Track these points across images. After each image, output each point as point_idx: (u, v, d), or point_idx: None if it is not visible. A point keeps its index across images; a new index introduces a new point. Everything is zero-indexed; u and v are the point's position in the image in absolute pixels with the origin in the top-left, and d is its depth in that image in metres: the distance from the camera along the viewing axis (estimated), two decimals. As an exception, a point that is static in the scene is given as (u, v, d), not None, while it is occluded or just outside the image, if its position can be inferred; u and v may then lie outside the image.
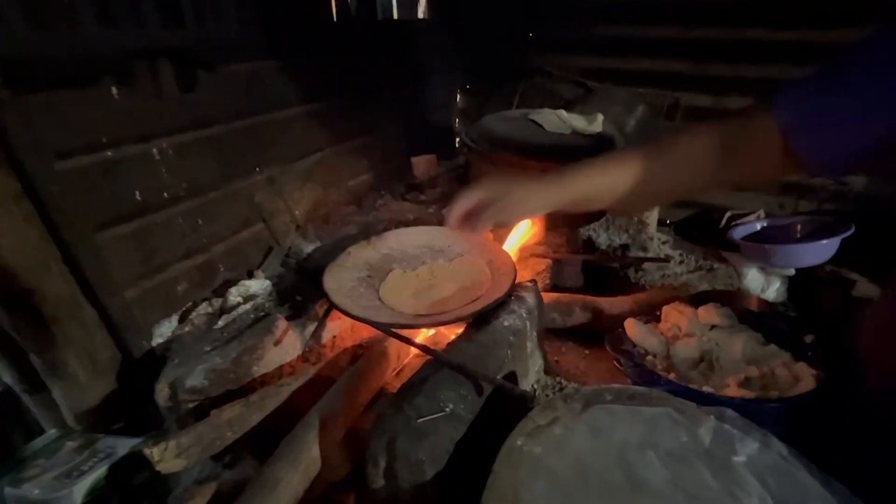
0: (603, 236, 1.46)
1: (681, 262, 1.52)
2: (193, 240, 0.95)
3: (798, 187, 1.56)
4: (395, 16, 1.51)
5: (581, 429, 0.55)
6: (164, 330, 0.91)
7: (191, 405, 0.73)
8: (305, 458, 0.61)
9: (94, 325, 0.84)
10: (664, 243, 1.61)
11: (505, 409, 0.62)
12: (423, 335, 0.99)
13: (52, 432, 0.88)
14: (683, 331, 0.92)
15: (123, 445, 0.83)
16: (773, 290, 1.39)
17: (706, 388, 0.75)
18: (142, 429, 0.86)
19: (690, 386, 0.76)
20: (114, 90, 0.78)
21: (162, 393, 0.75)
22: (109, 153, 0.79)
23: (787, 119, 0.52)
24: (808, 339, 0.84)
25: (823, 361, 0.78)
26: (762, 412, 0.69)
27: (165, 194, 0.89)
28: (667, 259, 1.25)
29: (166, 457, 0.62)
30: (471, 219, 0.71)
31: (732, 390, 0.74)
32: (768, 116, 0.53)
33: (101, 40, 0.80)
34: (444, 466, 0.56)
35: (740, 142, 0.57)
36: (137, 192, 0.84)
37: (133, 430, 0.88)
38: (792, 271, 1.36)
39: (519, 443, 0.53)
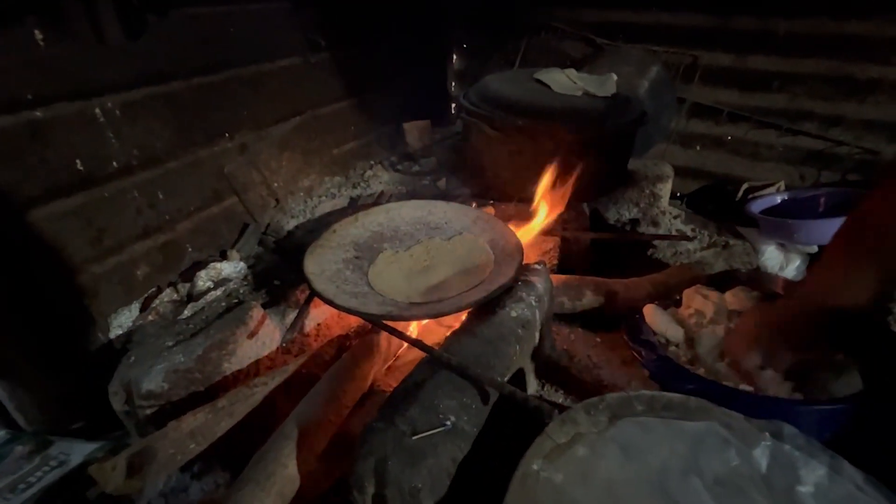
0: (612, 210, 1.35)
1: (694, 238, 1.42)
2: (152, 216, 0.83)
3: (821, 156, 1.45)
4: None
5: (610, 449, 0.45)
6: (124, 319, 0.80)
7: (149, 411, 0.63)
8: (279, 479, 0.52)
9: (38, 315, 0.72)
10: (676, 217, 1.49)
11: (514, 418, 0.53)
12: (416, 326, 0.89)
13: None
14: (708, 317, 0.83)
15: (79, 451, 0.74)
16: (792, 268, 1.29)
17: (743, 386, 0.65)
18: (105, 428, 0.77)
19: (724, 383, 0.66)
20: (37, 34, 0.64)
21: (116, 397, 0.64)
22: (38, 113, 0.65)
23: None
24: (847, 326, 0.75)
25: (866, 352, 0.69)
26: (805, 415, 0.60)
27: (114, 163, 0.76)
28: (686, 237, 1.14)
29: (115, 478, 0.52)
30: None
31: (773, 388, 0.65)
32: None
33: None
34: (444, 494, 0.46)
35: None
36: (78, 161, 0.71)
37: (95, 430, 0.78)
38: (815, 248, 1.27)
39: (535, 467, 0.44)
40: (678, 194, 1.61)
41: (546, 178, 0.93)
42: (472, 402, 0.53)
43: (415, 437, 0.48)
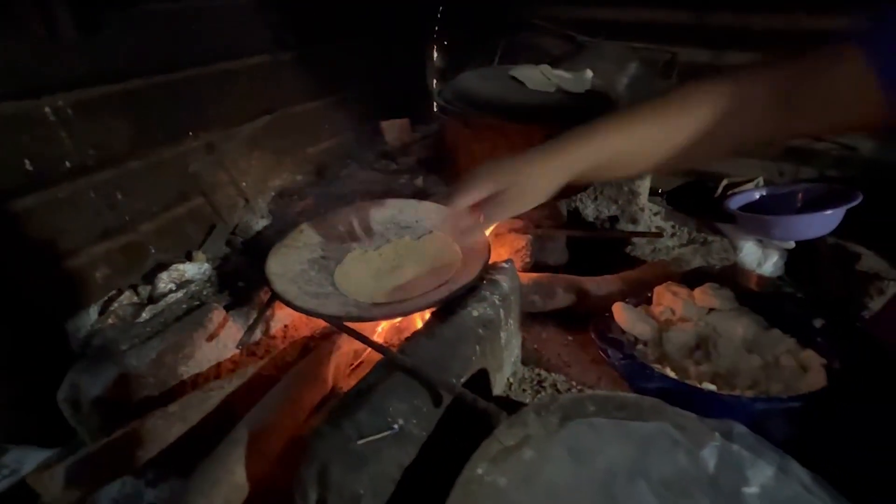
0: (591, 207, 1.34)
1: (673, 235, 1.41)
2: (112, 218, 0.81)
3: (800, 152, 1.45)
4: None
5: (557, 452, 0.44)
6: (82, 324, 0.78)
7: (99, 418, 0.61)
8: (225, 487, 0.50)
9: (-10, 320, 0.70)
10: (656, 214, 1.49)
11: (468, 422, 0.52)
12: (387, 326, 0.88)
13: (-47, 442, 0.76)
14: (678, 315, 0.82)
15: (33, 459, 0.72)
16: (770, 264, 1.29)
17: (707, 386, 0.65)
18: (63, 435, 0.75)
19: (689, 383, 0.66)
20: (-22, 30, 0.62)
21: (66, 404, 0.62)
22: (-20, 112, 0.63)
23: (882, 55, 0.41)
24: (818, 323, 0.75)
25: (835, 349, 0.69)
26: (769, 413, 0.60)
27: (67, 163, 0.73)
28: (659, 234, 1.14)
29: (52, 487, 0.50)
30: (476, 214, 0.62)
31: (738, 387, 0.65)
32: (855, 56, 0.42)
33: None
34: (388, 499, 0.45)
35: (812, 86, 0.46)
36: (27, 161, 0.69)
37: (52, 437, 0.76)
38: (792, 244, 1.27)
39: (479, 471, 0.43)
40: (659, 191, 1.60)
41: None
42: (424, 404, 0.52)
43: (360, 442, 0.47)
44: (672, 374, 0.69)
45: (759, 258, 1.29)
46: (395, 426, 0.48)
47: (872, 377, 0.59)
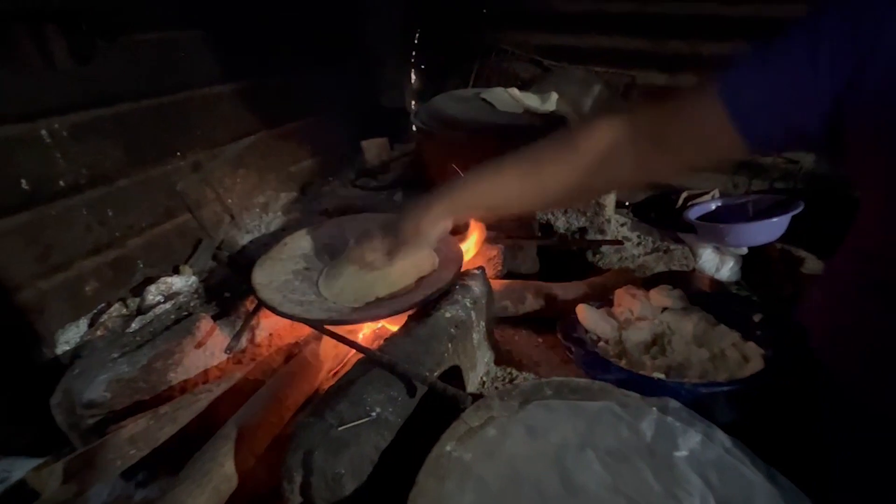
0: (561, 219, 1.42)
1: (638, 244, 1.50)
2: (102, 233, 0.85)
3: (751, 167, 1.57)
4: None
5: (517, 429, 0.50)
6: (72, 335, 0.81)
7: (91, 421, 0.64)
8: (216, 476, 0.54)
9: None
10: (622, 225, 1.58)
11: (440, 409, 0.57)
12: (369, 330, 0.92)
13: (-60, 456, 0.77)
14: (636, 314, 0.89)
15: (22, 467, 0.73)
16: (727, 269, 1.39)
17: (656, 375, 0.72)
18: (51, 445, 0.77)
19: (640, 372, 0.72)
20: (-16, 61, 0.67)
21: (59, 409, 0.66)
22: (-20, 135, 0.68)
23: (732, 100, 0.47)
24: (757, 317, 0.83)
25: (771, 340, 0.77)
26: (712, 396, 0.67)
27: (62, 182, 0.78)
28: (620, 241, 1.22)
29: (50, 483, 0.53)
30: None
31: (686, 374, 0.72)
32: (709, 99, 0.48)
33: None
34: (367, 479, 0.50)
35: (676, 130, 0.52)
36: (24, 181, 0.73)
37: (40, 447, 0.78)
38: (745, 250, 1.37)
39: (448, 448, 0.48)
40: (626, 203, 1.70)
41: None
42: (399, 395, 0.57)
43: (340, 429, 0.52)
44: (629, 368, 0.75)
45: (717, 264, 1.39)
46: (373, 414, 0.53)
47: (797, 360, 0.67)
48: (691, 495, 0.42)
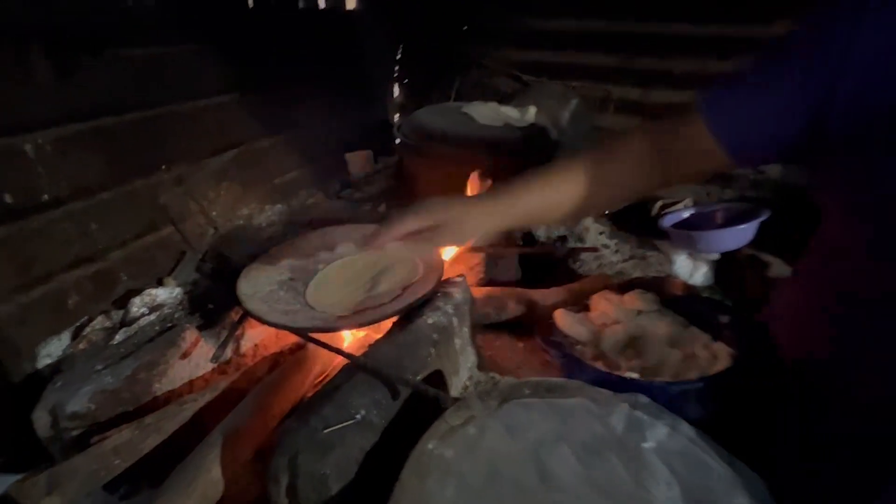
0: (542, 229, 1.46)
1: (616, 252, 1.55)
2: (84, 246, 0.85)
3: (722, 177, 1.64)
4: (322, 5, 1.44)
5: (496, 427, 0.52)
6: (53, 349, 0.81)
7: (75, 433, 0.64)
8: (202, 483, 0.55)
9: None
10: (601, 233, 1.63)
11: (423, 412, 0.59)
12: (354, 338, 0.94)
13: (-87, 475, 0.75)
14: (611, 318, 0.93)
15: (1, 484, 0.73)
16: (700, 274, 1.45)
17: (630, 375, 0.75)
18: (29, 462, 0.76)
19: (615, 373, 0.76)
20: (-34, 76, 0.68)
21: (41, 421, 0.65)
22: (-36, 150, 0.68)
23: (715, 120, 0.52)
24: (724, 319, 0.87)
25: (739, 340, 0.81)
26: (682, 393, 0.70)
27: (45, 196, 0.78)
28: (596, 248, 1.26)
29: (34, 495, 0.53)
30: (409, 242, 0.67)
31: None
32: (698, 118, 0.53)
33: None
34: (352, 479, 0.52)
35: (674, 144, 0.57)
36: (7, 195, 0.73)
37: (18, 464, 0.77)
38: (717, 256, 1.43)
39: (430, 447, 0.50)
40: (605, 212, 1.76)
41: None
42: (383, 398, 0.59)
43: (325, 431, 0.53)
44: (605, 369, 0.78)
45: (691, 269, 1.45)
46: (358, 416, 0.55)
47: (761, 359, 0.71)
48: (657, 482, 0.45)
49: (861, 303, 0.53)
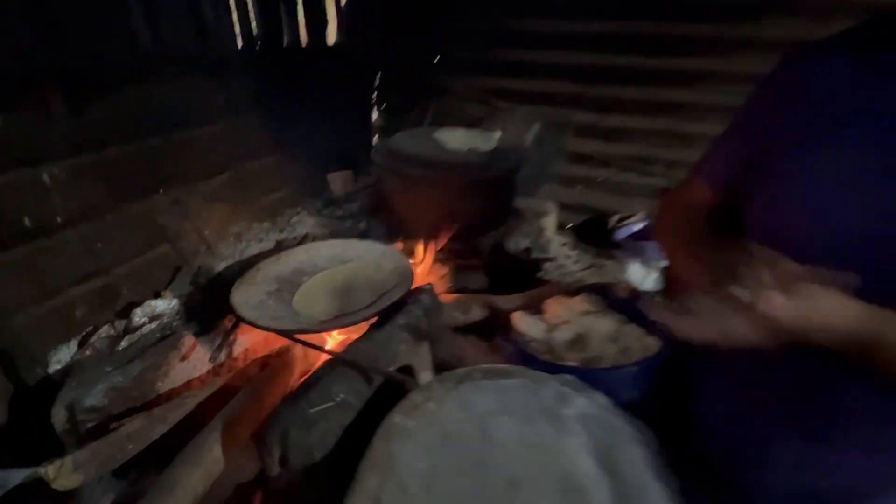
0: (510, 241, 1.61)
1: (577, 262, 1.71)
2: (91, 263, 0.95)
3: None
4: (304, 42, 1.58)
5: (450, 403, 0.65)
6: (63, 356, 0.90)
7: (90, 425, 0.74)
8: (206, 459, 0.66)
9: (-20, 355, 0.82)
10: (564, 245, 1.79)
11: (392, 395, 0.71)
12: (335, 340, 1.05)
13: (-70, 473, 0.83)
14: (562, 318, 1.06)
15: (17, 476, 0.81)
16: (650, 279, 1.61)
17: (571, 363, 0.88)
18: (38, 459, 0.85)
19: (559, 363, 0.89)
20: (-4, 118, 0.79)
21: (59, 416, 0.75)
22: (-8, 179, 0.79)
23: (705, 175, 0.72)
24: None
25: (664, 334, 0.95)
26: (610, 377, 0.83)
27: (58, 218, 0.89)
28: (551, 258, 1.41)
29: (63, 473, 0.63)
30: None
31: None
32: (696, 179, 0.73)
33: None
34: (332, 449, 0.63)
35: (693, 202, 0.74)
36: (26, 218, 0.83)
37: (28, 461, 0.86)
38: (665, 263, 1.59)
39: (396, 419, 0.62)
40: (568, 225, 1.91)
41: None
42: (359, 384, 0.71)
43: (311, 411, 0.65)
44: (551, 360, 0.92)
45: (642, 276, 1.60)
46: (338, 399, 0.67)
47: (679, 347, 0.85)
48: (572, 437, 0.58)
49: None
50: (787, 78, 0.62)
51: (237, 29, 1.33)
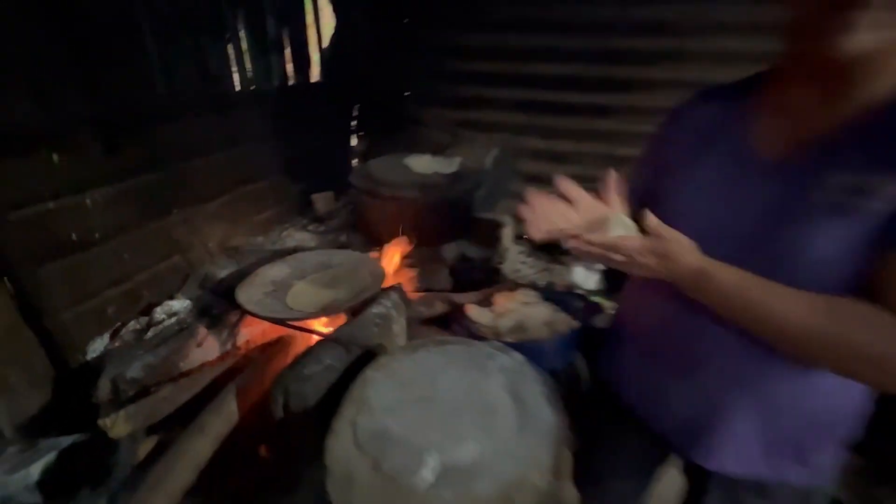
0: (472, 249, 1.87)
1: (531, 266, 1.97)
2: (119, 271, 1.16)
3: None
4: (291, 82, 1.83)
5: (409, 361, 0.89)
6: (98, 346, 1.11)
7: (130, 393, 0.95)
8: (226, 411, 0.88)
9: (33, 344, 1.02)
10: (521, 253, 2.06)
11: (366, 361, 0.94)
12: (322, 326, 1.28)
13: (-10, 443, 1.02)
14: (507, 308, 1.32)
15: (63, 442, 1.01)
16: (592, 280, 1.88)
17: (508, 339, 1.13)
18: (78, 431, 1.04)
19: (500, 340, 1.13)
20: (54, 157, 1.01)
21: (104, 387, 0.96)
22: (50, 204, 1.01)
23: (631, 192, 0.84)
24: (580, 305, 1.28)
25: (585, 317, 1.22)
26: (533, 349, 1.08)
27: (97, 234, 1.10)
28: (500, 264, 1.67)
29: (117, 423, 0.84)
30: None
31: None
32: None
33: (36, 118, 1.03)
34: (321, 398, 0.86)
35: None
36: (74, 234, 1.05)
37: (70, 432, 1.05)
38: (604, 266, 1.87)
39: (368, 373, 0.86)
40: (523, 236, 2.19)
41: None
42: (341, 353, 0.94)
43: (305, 372, 0.88)
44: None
45: (585, 276, 1.88)
46: (325, 363, 0.90)
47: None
48: (495, 381, 0.82)
49: (640, 286, 0.91)
50: (679, 115, 0.80)
51: (235, 73, 1.58)
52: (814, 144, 0.64)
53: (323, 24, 2.02)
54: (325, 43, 2.03)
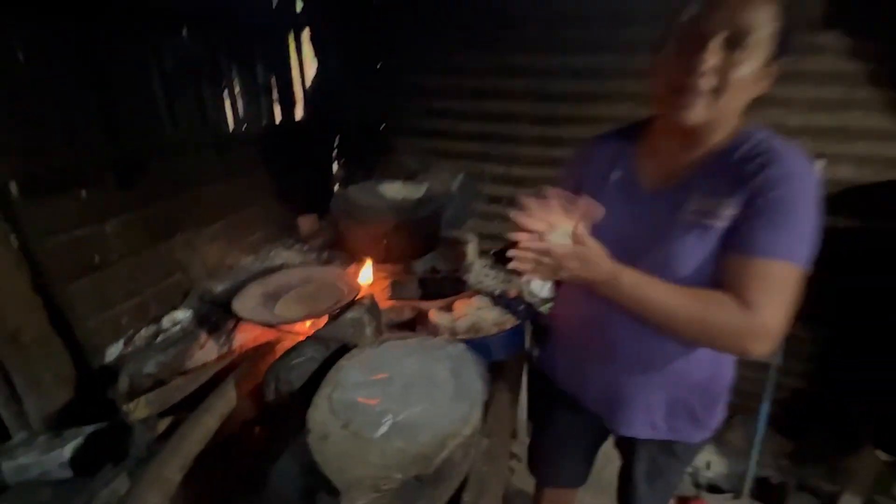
0: (441, 263, 2.11)
1: (494, 278, 2.22)
2: (132, 286, 1.37)
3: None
4: (278, 120, 2.09)
5: (376, 352, 1.12)
6: (113, 351, 1.31)
7: (146, 385, 1.16)
8: (226, 397, 1.09)
9: (60, 350, 1.22)
10: (485, 266, 2.31)
11: (341, 354, 1.17)
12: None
13: (21, 434, 1.21)
14: (463, 312, 1.56)
15: (86, 431, 1.20)
16: (546, 289, 2.14)
17: (461, 337, 1.37)
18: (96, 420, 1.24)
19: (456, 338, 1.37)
20: (83, 192, 1.23)
21: (123, 382, 1.16)
22: (78, 232, 1.22)
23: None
24: (521, 307, 1.53)
25: (530, 318, 1.47)
26: (480, 343, 1.32)
27: (115, 256, 1.32)
28: (463, 276, 1.92)
29: (139, 407, 1.05)
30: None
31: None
32: None
33: (70, 160, 1.25)
34: (305, 383, 1.08)
35: None
36: (96, 256, 1.27)
37: (89, 421, 1.24)
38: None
39: (342, 363, 1.08)
40: (491, 251, 2.44)
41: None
42: (321, 348, 1.17)
43: (292, 362, 1.10)
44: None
45: (541, 286, 2.13)
46: (307, 355, 1.12)
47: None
48: (442, 365, 1.06)
49: (567, 290, 1.16)
50: (586, 151, 1.01)
51: (229, 115, 1.83)
52: (676, 179, 0.88)
53: (306, 66, 2.29)
54: (308, 83, 2.29)
